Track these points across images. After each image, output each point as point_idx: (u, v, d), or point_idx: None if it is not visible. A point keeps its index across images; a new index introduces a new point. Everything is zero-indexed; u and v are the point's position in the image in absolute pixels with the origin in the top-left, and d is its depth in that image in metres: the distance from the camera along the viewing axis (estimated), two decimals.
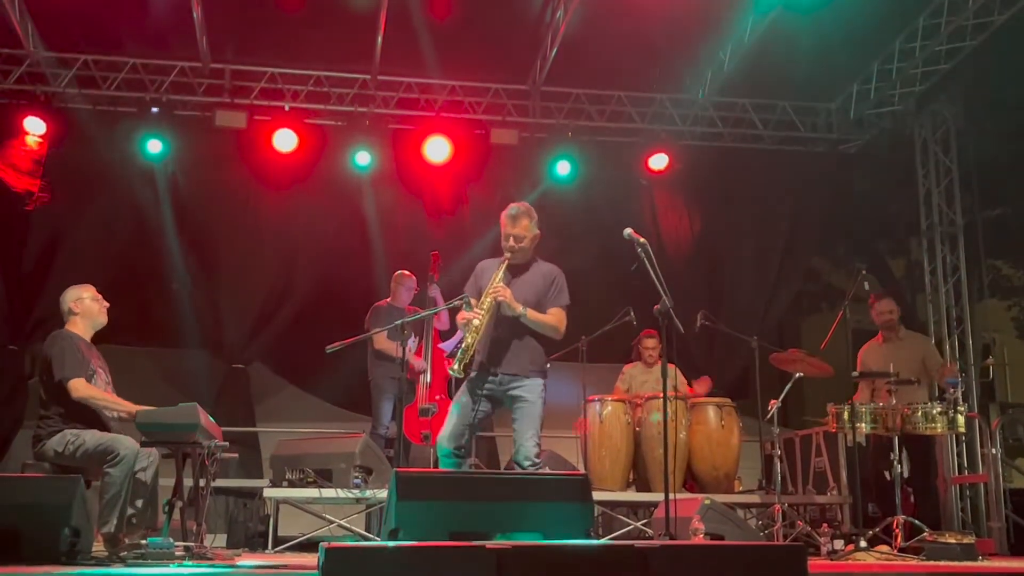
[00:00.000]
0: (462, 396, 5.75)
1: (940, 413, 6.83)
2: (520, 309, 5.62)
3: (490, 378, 5.70)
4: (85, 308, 6.13)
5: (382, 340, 8.20)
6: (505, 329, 5.69)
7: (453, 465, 5.67)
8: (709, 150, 10.53)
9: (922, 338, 8.21)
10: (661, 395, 6.38)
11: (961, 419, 6.88)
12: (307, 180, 10.02)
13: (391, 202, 10.13)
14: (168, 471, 5.70)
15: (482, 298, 5.63)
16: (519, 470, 5.58)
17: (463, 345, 5.55)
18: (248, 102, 9.82)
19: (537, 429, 5.66)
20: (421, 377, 8.29)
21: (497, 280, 5.64)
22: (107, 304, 6.22)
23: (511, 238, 5.76)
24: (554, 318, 5.75)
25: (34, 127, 9.38)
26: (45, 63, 9.50)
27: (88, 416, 5.86)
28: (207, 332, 9.97)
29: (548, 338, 5.79)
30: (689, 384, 8.89)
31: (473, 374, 5.72)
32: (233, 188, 9.93)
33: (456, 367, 5.52)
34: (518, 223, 5.77)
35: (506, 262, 5.71)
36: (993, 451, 8.82)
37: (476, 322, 5.55)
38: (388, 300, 8.67)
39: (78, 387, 5.77)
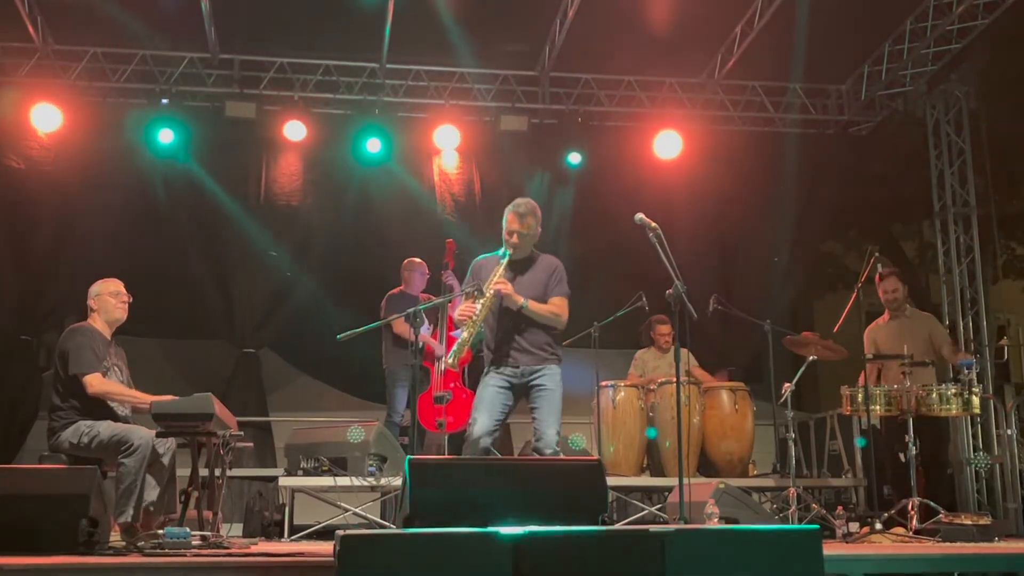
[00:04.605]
0: (487, 390, 5.79)
1: (955, 394, 6.82)
2: (522, 301, 5.70)
3: (512, 370, 5.76)
4: (102, 304, 6.10)
5: (397, 327, 8.21)
6: (520, 320, 5.75)
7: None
8: (720, 133, 10.48)
9: (928, 316, 8.17)
10: (674, 379, 6.36)
11: (976, 400, 6.87)
12: (317, 169, 10.04)
13: (401, 190, 10.14)
14: (184, 461, 5.74)
15: (483, 291, 5.71)
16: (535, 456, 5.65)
17: (460, 339, 5.68)
18: (257, 92, 9.83)
19: (559, 417, 5.75)
20: (436, 365, 8.30)
21: (499, 275, 5.71)
22: (128, 299, 6.20)
23: (515, 235, 5.82)
24: (556, 307, 5.83)
25: (44, 119, 9.40)
26: (55, 55, 9.53)
27: (101, 409, 5.88)
28: (218, 321, 10.01)
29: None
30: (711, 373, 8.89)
31: (494, 368, 5.78)
32: (243, 178, 9.95)
33: (451, 360, 5.70)
34: (525, 221, 5.84)
35: (507, 258, 5.78)
36: (1008, 432, 8.81)
37: (474, 317, 5.65)
38: (402, 287, 8.68)
39: (94, 383, 5.79)
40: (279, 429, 9.55)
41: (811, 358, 7.38)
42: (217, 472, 5.48)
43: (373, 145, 9.84)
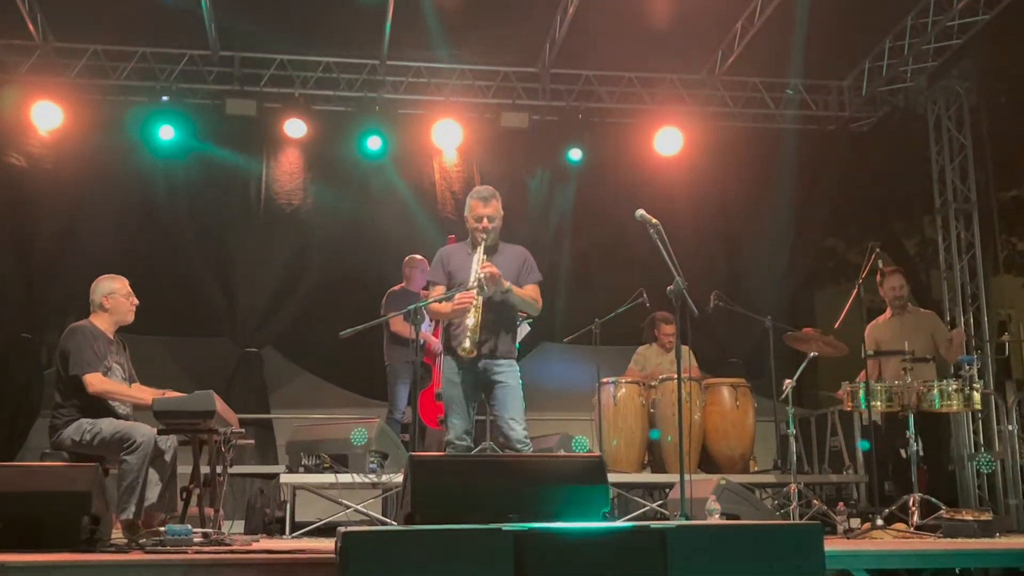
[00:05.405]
0: (455, 390, 5.77)
1: (956, 390, 6.82)
2: (507, 285, 5.73)
3: (472, 360, 5.73)
4: (116, 304, 6.09)
5: (397, 324, 8.21)
6: (492, 308, 5.74)
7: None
8: (721, 130, 10.46)
9: (930, 314, 8.17)
10: (675, 377, 6.36)
11: (977, 396, 6.87)
12: (317, 166, 10.05)
13: (402, 187, 10.13)
14: (185, 458, 5.74)
15: (471, 280, 5.66)
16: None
17: (470, 325, 5.57)
18: (258, 89, 9.83)
19: (523, 413, 5.78)
20: (437, 361, 8.29)
21: (483, 259, 5.70)
22: (136, 302, 6.21)
23: (484, 219, 5.83)
24: (535, 292, 5.91)
25: (45, 117, 9.40)
26: (55, 53, 9.53)
27: (102, 407, 5.88)
28: (220, 319, 10.01)
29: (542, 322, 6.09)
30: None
31: (455, 361, 5.76)
32: (244, 175, 9.95)
33: (467, 346, 5.54)
34: (490, 204, 5.86)
35: (482, 244, 5.77)
36: (1009, 428, 8.80)
37: (476, 302, 5.60)
38: (402, 284, 8.68)
39: (94, 382, 5.79)
40: (280, 426, 9.55)
41: (812, 354, 7.38)
42: (218, 469, 5.48)
43: (374, 142, 9.85)
